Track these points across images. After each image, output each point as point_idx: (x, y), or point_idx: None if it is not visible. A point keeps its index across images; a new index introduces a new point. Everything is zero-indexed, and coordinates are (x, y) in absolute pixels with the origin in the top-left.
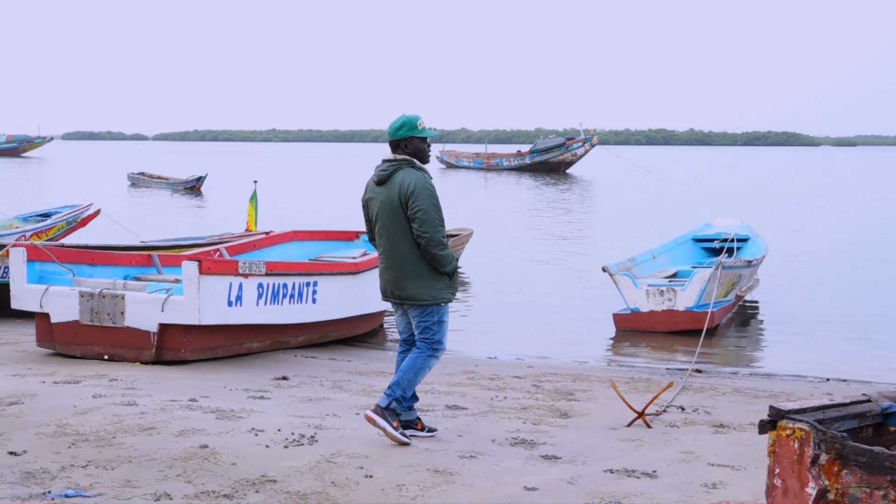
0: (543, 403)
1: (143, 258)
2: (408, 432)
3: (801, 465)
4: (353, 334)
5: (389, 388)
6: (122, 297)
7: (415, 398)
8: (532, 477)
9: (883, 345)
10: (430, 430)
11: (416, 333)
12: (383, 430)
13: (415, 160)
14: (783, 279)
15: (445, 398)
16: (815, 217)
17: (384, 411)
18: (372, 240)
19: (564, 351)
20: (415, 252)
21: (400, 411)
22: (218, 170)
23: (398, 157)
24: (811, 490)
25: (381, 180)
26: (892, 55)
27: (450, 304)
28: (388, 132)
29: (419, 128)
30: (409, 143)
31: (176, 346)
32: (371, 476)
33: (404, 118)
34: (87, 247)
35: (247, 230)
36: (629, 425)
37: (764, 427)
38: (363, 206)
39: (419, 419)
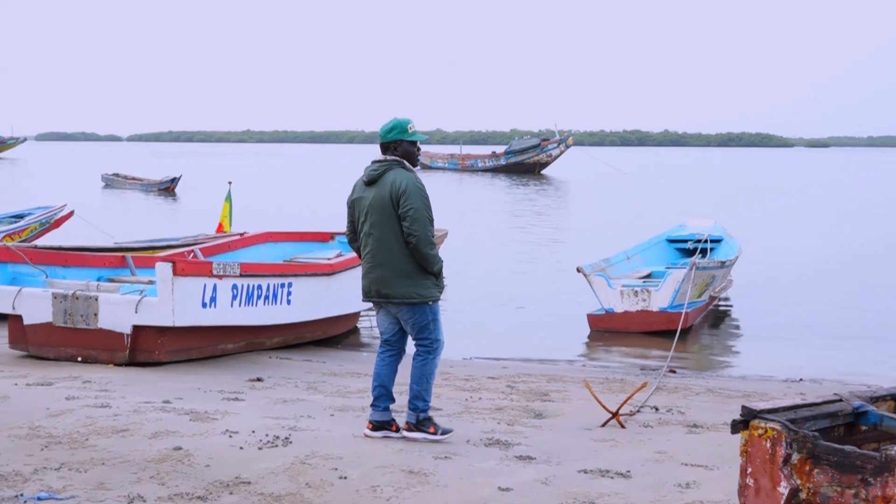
0: (518, 404)
1: (116, 259)
2: (380, 433)
3: (774, 465)
4: (328, 335)
5: (411, 403)
6: (96, 299)
7: (390, 399)
8: (506, 477)
9: (856, 345)
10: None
11: (411, 335)
12: (426, 441)
13: (404, 161)
14: (756, 280)
15: None
16: (788, 218)
17: (417, 426)
18: (352, 241)
19: (539, 351)
20: (404, 251)
21: (427, 415)
22: (192, 171)
23: (388, 158)
24: (783, 489)
25: (372, 180)
26: (865, 58)
27: (438, 303)
28: (379, 134)
29: (409, 131)
30: (398, 146)
31: (150, 348)
32: (345, 477)
33: (395, 121)
34: (60, 248)
35: (220, 231)
36: (603, 425)
37: (736, 427)
38: (349, 206)
39: (394, 420)
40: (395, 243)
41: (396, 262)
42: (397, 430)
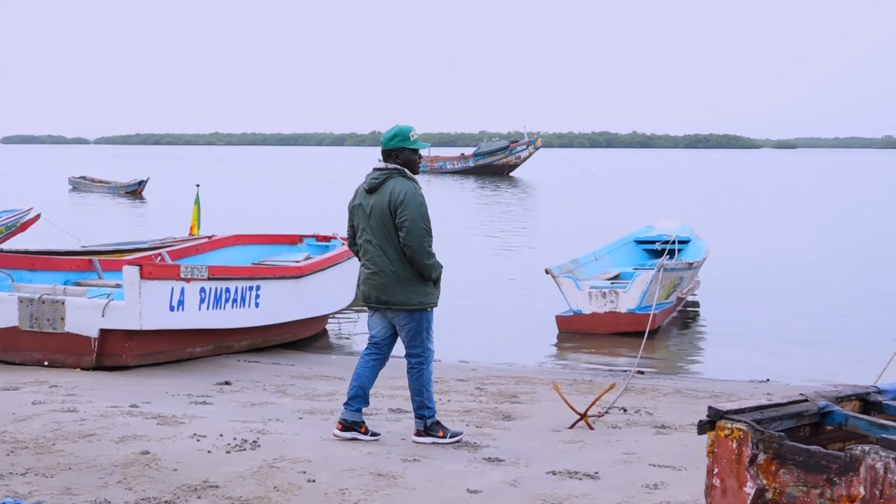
0: (487, 406)
1: (83, 263)
2: (349, 434)
3: (740, 465)
4: (297, 338)
5: (417, 413)
6: (63, 303)
7: (364, 402)
8: (475, 479)
9: (822, 345)
10: (374, 434)
11: (404, 342)
12: (436, 443)
13: (405, 170)
14: (724, 281)
15: (389, 402)
16: (755, 219)
17: (426, 431)
18: (351, 245)
19: (508, 353)
20: (402, 259)
21: (434, 420)
22: (160, 173)
23: (389, 166)
24: (749, 489)
25: (372, 188)
26: (830, 60)
27: (433, 311)
28: (381, 141)
29: (411, 139)
30: (400, 154)
31: (117, 352)
32: (314, 481)
33: (397, 129)
34: (26, 252)
35: (190, 234)
36: (572, 427)
37: (703, 427)
38: (349, 211)
39: (364, 423)
40: (394, 251)
41: (395, 269)
42: (366, 432)
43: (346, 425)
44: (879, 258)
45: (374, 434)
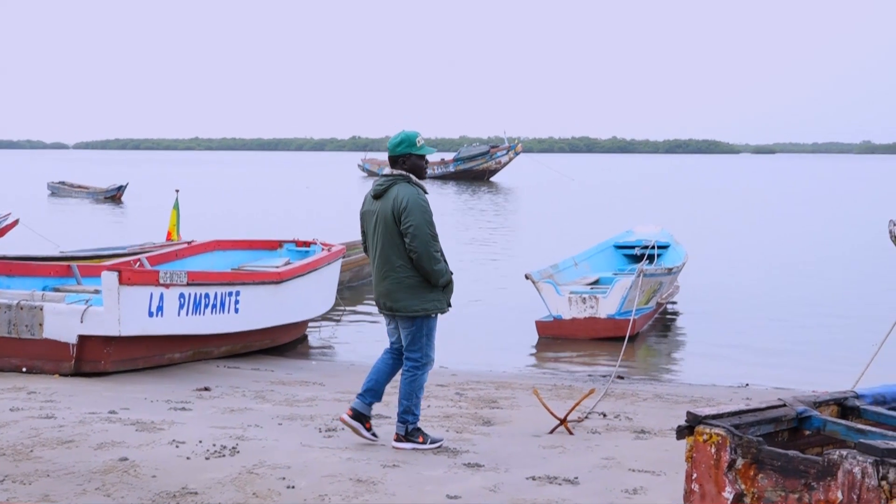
0: (466, 411)
1: (62, 269)
2: (355, 423)
3: (718, 470)
4: (277, 344)
5: (401, 417)
6: (41, 309)
7: (376, 397)
8: (454, 485)
9: (801, 350)
10: (374, 436)
11: (404, 345)
12: (415, 450)
13: (411, 175)
14: (703, 286)
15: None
16: (734, 224)
17: (406, 437)
18: (365, 250)
19: (488, 359)
20: (408, 265)
21: (415, 426)
22: (139, 179)
23: (395, 172)
24: (728, 494)
25: (378, 194)
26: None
27: (440, 316)
28: (388, 147)
29: (417, 145)
30: (406, 160)
31: (96, 358)
32: (293, 487)
33: (403, 135)
34: (4, 257)
35: (168, 239)
36: (551, 432)
37: (682, 432)
38: (360, 217)
39: (370, 419)
40: (399, 257)
41: (401, 275)
42: (369, 429)
43: (355, 414)
44: (859, 264)
45: (374, 435)
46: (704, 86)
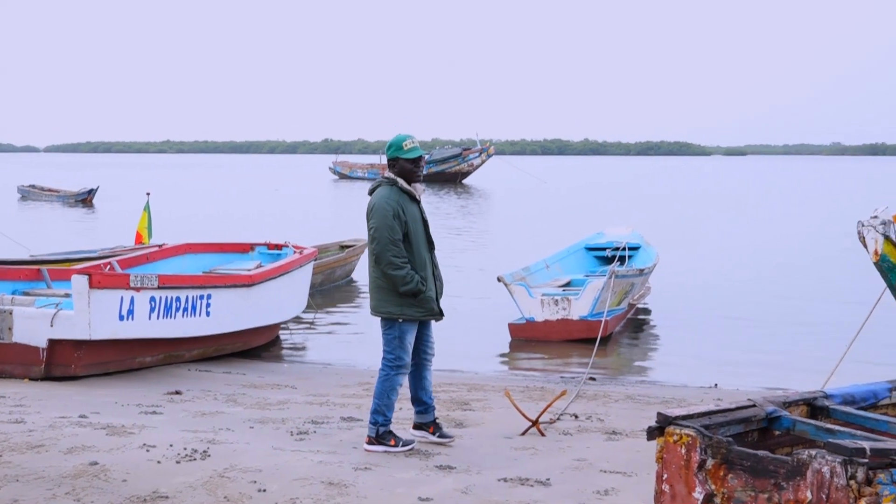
0: (438, 413)
1: (32, 272)
2: (419, 433)
3: (689, 470)
4: (249, 347)
5: (371, 417)
6: (10, 313)
7: (420, 404)
8: (426, 487)
9: (772, 350)
10: (444, 436)
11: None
12: (386, 453)
13: (398, 179)
14: (674, 287)
15: (341, 410)
16: (705, 225)
17: (377, 439)
18: None
19: (460, 361)
20: (377, 266)
21: (391, 429)
22: (110, 182)
23: (385, 175)
24: (698, 494)
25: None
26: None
27: (413, 324)
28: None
29: (405, 148)
30: (396, 163)
31: (66, 362)
32: (264, 490)
33: (394, 139)
34: None
35: (138, 242)
36: (523, 434)
37: (652, 433)
38: None
39: (432, 423)
40: (372, 259)
41: (373, 276)
42: (434, 432)
43: (414, 425)
44: (828, 264)
45: (441, 436)
46: (676, 88)
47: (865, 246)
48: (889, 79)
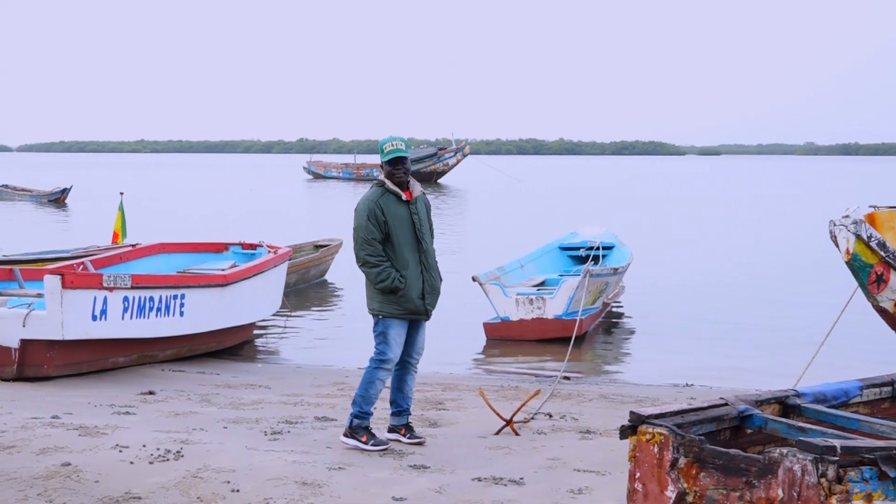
0: (413, 413)
1: (4, 272)
2: (391, 436)
3: (661, 469)
4: (222, 347)
5: (352, 405)
6: None
7: (396, 406)
8: (400, 487)
9: (746, 349)
10: (415, 437)
11: None
12: (359, 449)
13: (385, 181)
14: (648, 286)
15: (315, 409)
16: (678, 224)
17: (351, 432)
18: None
19: (435, 360)
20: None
21: (366, 425)
22: (84, 181)
23: (379, 178)
24: (670, 493)
25: None
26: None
27: (399, 321)
28: None
29: (384, 151)
30: (383, 167)
31: (38, 362)
32: (238, 490)
33: (380, 141)
34: None
35: (114, 242)
36: (497, 433)
37: (625, 432)
38: None
39: (406, 425)
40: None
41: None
42: (405, 434)
43: (388, 428)
44: (801, 264)
45: (413, 437)
46: (651, 88)
47: (837, 245)
48: (862, 80)
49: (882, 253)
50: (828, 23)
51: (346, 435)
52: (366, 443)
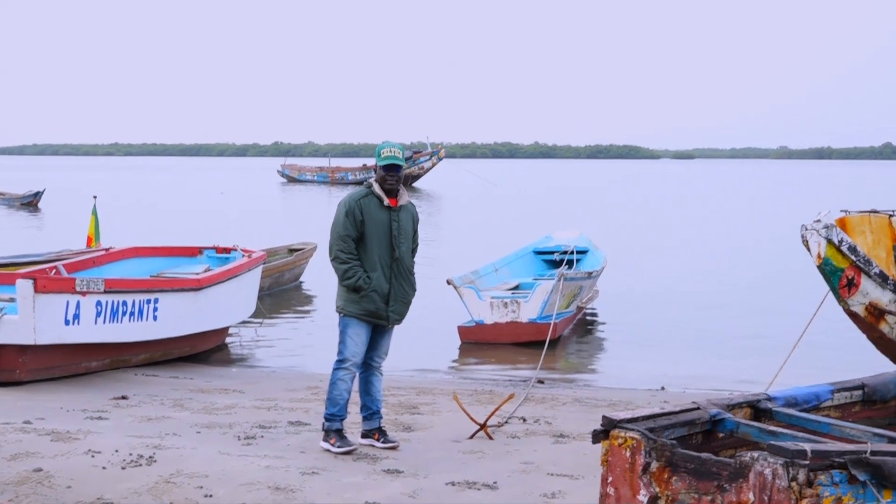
0: (387, 417)
1: None
2: (365, 441)
3: (633, 473)
4: (196, 351)
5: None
6: None
7: (365, 410)
8: (374, 491)
9: (718, 353)
10: (388, 441)
11: None
12: (330, 452)
13: (373, 184)
14: (622, 290)
15: (289, 414)
16: (652, 228)
17: (324, 433)
18: None
19: (409, 364)
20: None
21: (336, 427)
22: (57, 185)
23: (370, 180)
24: (643, 497)
25: None
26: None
27: (358, 321)
28: None
29: (381, 156)
30: (377, 170)
31: (10, 367)
32: (211, 496)
33: (379, 144)
34: None
35: (89, 246)
36: (471, 437)
37: (597, 436)
38: None
39: (375, 431)
40: None
41: None
42: (379, 439)
43: (362, 433)
44: (774, 268)
45: (386, 441)
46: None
47: (809, 249)
48: (835, 86)
49: (853, 257)
50: (802, 30)
51: (322, 439)
52: (333, 445)
